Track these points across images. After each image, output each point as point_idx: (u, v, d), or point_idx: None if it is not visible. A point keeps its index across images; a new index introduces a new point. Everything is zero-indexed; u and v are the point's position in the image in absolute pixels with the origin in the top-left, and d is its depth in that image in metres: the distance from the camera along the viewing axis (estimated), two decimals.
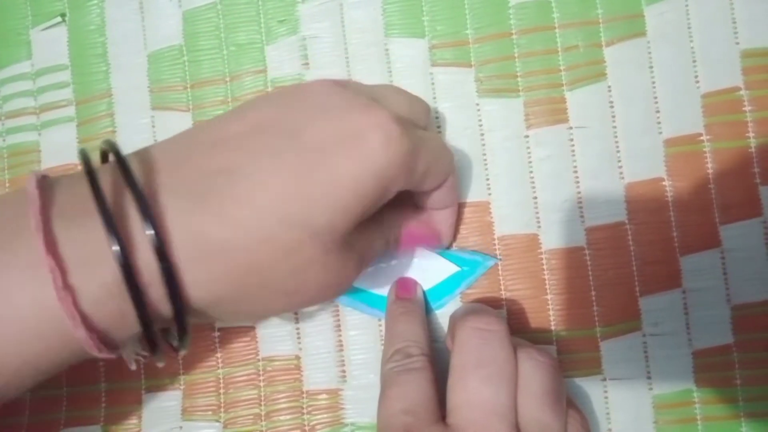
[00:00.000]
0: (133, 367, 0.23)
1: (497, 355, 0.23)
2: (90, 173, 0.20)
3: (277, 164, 0.21)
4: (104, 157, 0.23)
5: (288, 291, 0.22)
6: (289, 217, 0.20)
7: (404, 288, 0.29)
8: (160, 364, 0.23)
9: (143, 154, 0.22)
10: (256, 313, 0.24)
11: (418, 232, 0.28)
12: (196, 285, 0.20)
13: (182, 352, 0.22)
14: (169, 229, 0.20)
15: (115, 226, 0.19)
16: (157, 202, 0.20)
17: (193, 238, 0.20)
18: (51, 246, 0.19)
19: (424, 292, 0.29)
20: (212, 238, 0.20)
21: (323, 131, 0.21)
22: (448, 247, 0.29)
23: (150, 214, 0.19)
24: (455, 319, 0.26)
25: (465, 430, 0.22)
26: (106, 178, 0.20)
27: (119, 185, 0.20)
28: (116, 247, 0.18)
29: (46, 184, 0.20)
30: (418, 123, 0.25)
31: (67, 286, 0.19)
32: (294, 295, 0.22)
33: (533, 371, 0.23)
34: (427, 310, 0.29)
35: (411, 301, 0.28)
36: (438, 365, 0.26)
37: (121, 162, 0.20)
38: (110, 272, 0.19)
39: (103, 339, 0.20)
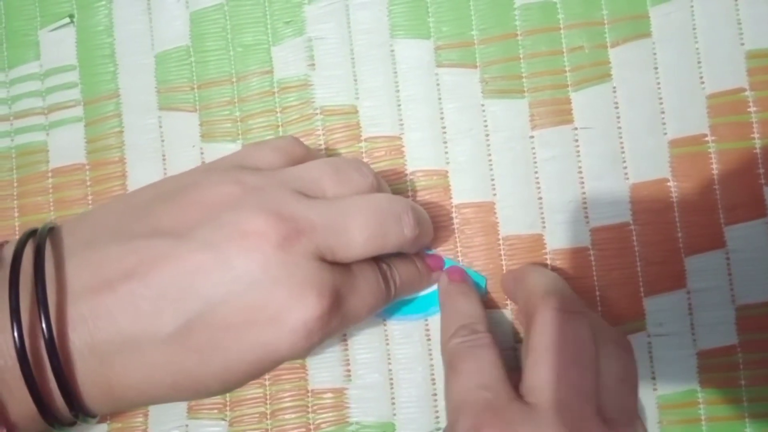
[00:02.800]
0: None
1: (582, 336, 0.23)
2: (14, 261, 0.21)
3: (172, 346, 0.21)
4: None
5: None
6: (180, 384, 0.21)
7: (456, 272, 0.28)
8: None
9: (59, 251, 0.22)
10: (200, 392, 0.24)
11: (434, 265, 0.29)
12: (93, 393, 0.21)
13: (93, 422, 0.23)
14: (71, 330, 0.20)
15: (18, 317, 0.20)
16: (65, 295, 0.21)
17: (89, 349, 0.21)
18: None
19: (425, 296, 0.29)
20: (106, 359, 0.21)
21: (236, 306, 0.21)
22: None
23: (44, 310, 0.20)
24: (530, 292, 0.25)
25: (550, 409, 0.22)
26: (27, 267, 0.21)
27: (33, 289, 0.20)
28: (16, 333, 0.19)
29: None
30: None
31: None
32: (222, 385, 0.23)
33: (614, 356, 0.23)
34: (419, 313, 0.29)
35: (466, 283, 0.28)
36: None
37: (39, 276, 0.20)
38: (11, 354, 0.20)
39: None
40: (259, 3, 0.32)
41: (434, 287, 0.29)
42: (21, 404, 0.20)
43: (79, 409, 0.21)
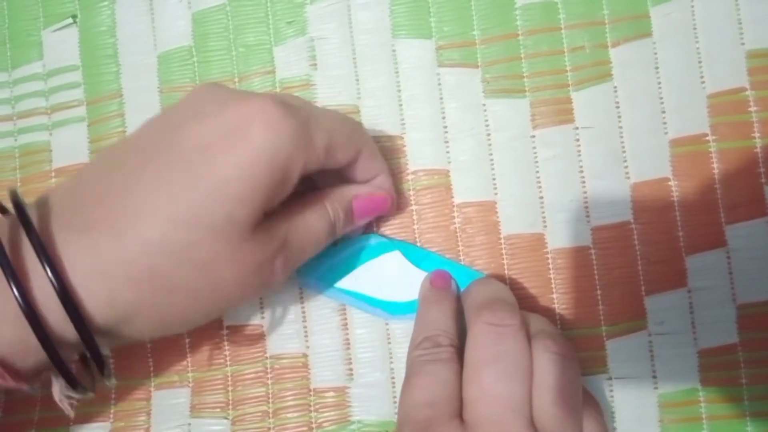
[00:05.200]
0: (69, 412, 0.23)
1: (511, 349, 0.23)
2: None
3: (160, 175, 0.21)
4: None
5: (201, 291, 0.22)
6: (180, 217, 0.21)
7: (439, 278, 0.28)
8: (91, 395, 0.23)
9: (42, 198, 0.23)
10: (176, 322, 0.23)
11: (365, 201, 0.27)
12: (98, 302, 0.21)
13: (111, 382, 0.23)
14: (62, 253, 0.20)
15: (4, 252, 0.20)
16: (50, 234, 0.21)
17: (87, 258, 0.20)
18: None
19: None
20: (106, 253, 0.20)
21: (201, 133, 0.21)
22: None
23: (39, 240, 0.20)
24: (468, 306, 0.26)
25: (480, 425, 0.22)
26: (6, 221, 0.21)
27: (19, 227, 0.21)
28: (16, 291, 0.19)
29: None
30: (310, 107, 0.25)
31: None
32: (212, 295, 0.22)
33: (549, 365, 0.23)
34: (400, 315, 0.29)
35: (445, 291, 0.28)
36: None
37: (16, 201, 0.21)
38: (5, 300, 0.19)
39: (7, 367, 0.20)
40: (261, 3, 0.32)
41: None
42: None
43: (92, 339, 0.21)
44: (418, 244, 0.30)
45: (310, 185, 0.27)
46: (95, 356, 0.21)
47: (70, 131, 0.32)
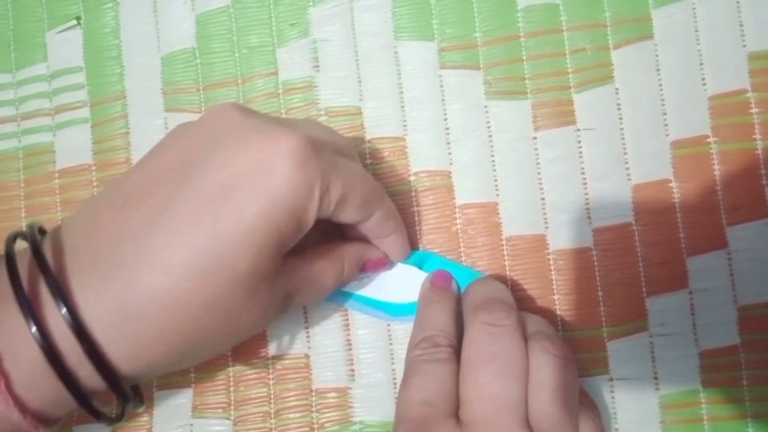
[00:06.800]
0: None
1: (507, 349, 0.23)
2: (9, 260, 0.20)
3: (182, 218, 0.20)
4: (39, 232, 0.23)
5: (221, 336, 0.22)
6: (204, 268, 0.20)
7: (440, 278, 0.28)
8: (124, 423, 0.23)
9: (56, 233, 0.22)
10: (192, 362, 0.24)
11: (376, 262, 0.28)
12: (124, 356, 0.21)
13: (141, 409, 0.24)
14: (84, 307, 0.20)
15: (32, 310, 0.19)
16: (70, 282, 0.20)
17: (111, 312, 0.20)
18: None
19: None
20: (130, 307, 0.20)
21: (225, 167, 0.21)
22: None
23: (62, 296, 0.19)
24: (466, 306, 0.26)
25: (476, 424, 0.22)
26: (24, 263, 0.21)
27: (36, 270, 0.20)
28: (34, 329, 0.19)
29: None
30: (336, 148, 0.24)
31: (1, 372, 0.19)
32: (228, 338, 0.23)
33: (544, 365, 0.23)
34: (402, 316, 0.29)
35: (446, 291, 0.28)
36: None
37: (35, 247, 0.20)
38: (36, 355, 0.19)
39: (40, 417, 0.20)
40: (265, 5, 0.32)
41: None
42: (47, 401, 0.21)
43: (121, 388, 0.21)
44: (420, 246, 0.30)
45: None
46: (124, 399, 0.22)
47: (73, 132, 0.32)
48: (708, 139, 0.29)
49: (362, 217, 0.25)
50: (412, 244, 0.30)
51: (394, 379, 0.29)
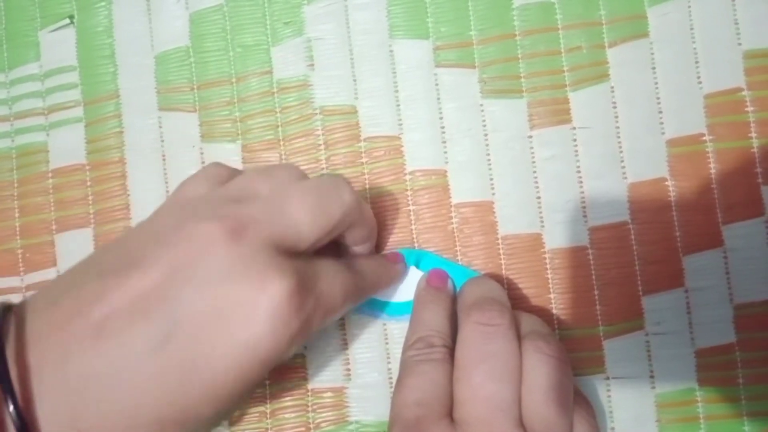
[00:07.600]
0: None
1: (500, 349, 0.23)
2: None
3: (150, 369, 0.19)
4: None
5: None
6: (172, 418, 0.20)
7: (436, 277, 0.28)
8: None
9: (22, 322, 0.20)
10: None
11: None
12: None
13: None
14: (39, 414, 0.19)
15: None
16: (30, 382, 0.19)
17: (63, 426, 0.19)
18: None
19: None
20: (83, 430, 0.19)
21: (205, 307, 0.20)
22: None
23: (13, 399, 0.18)
24: (460, 305, 0.26)
25: (470, 425, 0.22)
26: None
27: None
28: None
29: None
30: (330, 220, 0.23)
31: None
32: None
33: (538, 365, 0.23)
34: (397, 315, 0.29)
35: (441, 291, 0.28)
36: None
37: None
38: None
39: None
40: (259, 4, 0.32)
41: None
42: None
43: None
44: (416, 245, 0.30)
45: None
46: None
47: (67, 132, 0.32)
48: (704, 138, 0.29)
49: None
50: (408, 243, 0.30)
51: (390, 378, 0.29)
